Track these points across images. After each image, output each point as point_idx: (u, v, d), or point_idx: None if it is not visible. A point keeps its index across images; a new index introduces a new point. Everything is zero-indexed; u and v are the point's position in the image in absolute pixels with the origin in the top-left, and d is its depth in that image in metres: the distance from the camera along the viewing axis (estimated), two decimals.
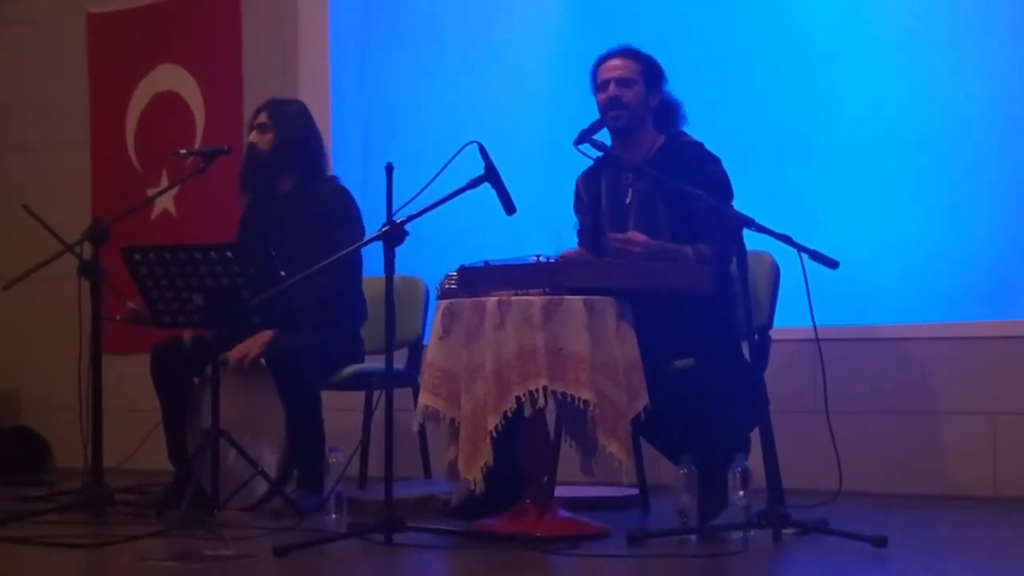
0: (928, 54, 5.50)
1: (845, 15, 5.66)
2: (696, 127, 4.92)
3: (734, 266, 4.35)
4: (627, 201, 4.85)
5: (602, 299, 4.29)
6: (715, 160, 4.77)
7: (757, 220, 4.25)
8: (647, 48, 4.94)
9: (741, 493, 4.14)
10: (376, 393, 5.25)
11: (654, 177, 4.66)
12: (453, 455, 4.37)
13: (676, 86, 4.93)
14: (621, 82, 4.79)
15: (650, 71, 4.83)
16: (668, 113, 4.87)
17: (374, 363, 5.26)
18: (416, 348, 5.63)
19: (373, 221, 4.86)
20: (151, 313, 4.98)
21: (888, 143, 5.56)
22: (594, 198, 4.96)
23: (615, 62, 4.83)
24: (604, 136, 4.76)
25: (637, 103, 4.79)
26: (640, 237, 4.60)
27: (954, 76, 5.45)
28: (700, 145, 4.83)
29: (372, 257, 4.80)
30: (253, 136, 5.39)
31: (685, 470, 4.23)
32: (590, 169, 4.97)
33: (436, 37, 6.55)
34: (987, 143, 5.40)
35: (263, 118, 5.41)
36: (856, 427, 5.24)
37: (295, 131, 5.40)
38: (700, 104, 4.98)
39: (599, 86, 4.83)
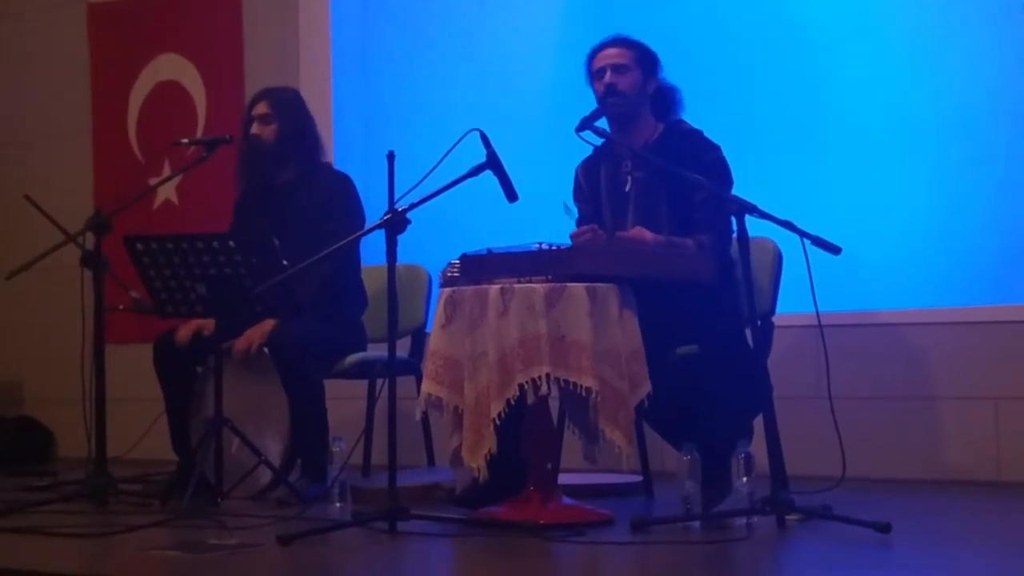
0: (932, 38, 5.49)
1: (851, 2, 5.65)
2: (698, 113, 4.91)
3: (736, 252, 4.35)
4: (626, 189, 4.85)
5: (605, 286, 4.29)
6: (715, 148, 4.77)
7: (759, 206, 4.25)
8: (647, 34, 4.95)
9: (744, 479, 4.14)
10: (379, 382, 5.25)
11: (654, 164, 4.66)
12: (456, 443, 4.37)
13: (677, 73, 4.93)
14: (617, 69, 4.80)
15: (644, 58, 4.84)
16: (665, 99, 4.87)
17: (376, 352, 5.25)
18: (419, 336, 5.63)
19: (375, 209, 4.86)
20: (153, 302, 4.98)
21: (890, 129, 5.55)
22: (593, 186, 4.96)
23: (610, 51, 4.84)
24: (605, 124, 4.76)
25: (634, 90, 4.80)
26: (647, 234, 4.60)
27: (958, 61, 5.44)
28: (700, 133, 4.83)
29: (374, 245, 4.80)
30: (256, 128, 5.36)
31: (688, 457, 4.24)
32: (589, 158, 4.97)
33: (437, 25, 6.54)
34: (990, 128, 5.39)
35: (264, 108, 5.39)
36: (859, 413, 5.25)
37: (297, 120, 5.40)
38: (702, 90, 4.99)
39: (595, 74, 4.83)
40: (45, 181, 7.16)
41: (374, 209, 4.98)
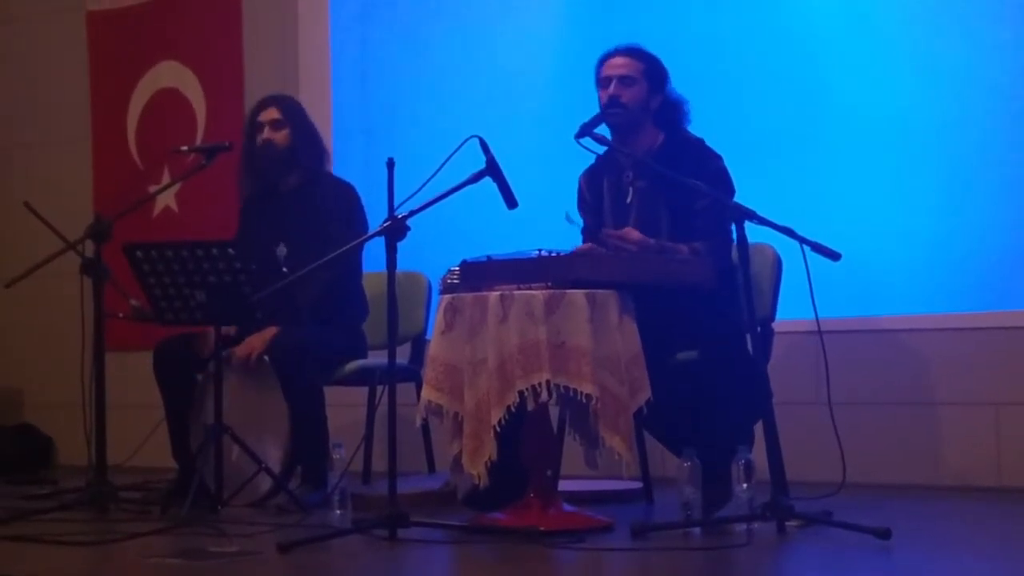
0: (932, 44, 5.49)
1: (850, 6, 5.65)
2: (699, 119, 4.91)
3: (736, 257, 4.35)
4: (628, 201, 4.85)
5: (604, 293, 4.29)
6: (716, 158, 4.77)
7: (759, 212, 4.25)
8: (650, 40, 4.94)
9: (745, 485, 4.14)
10: (379, 388, 5.25)
11: (655, 173, 4.66)
12: (457, 450, 4.37)
13: (678, 78, 4.92)
14: (623, 80, 4.79)
15: (653, 71, 4.83)
16: (670, 112, 4.87)
17: (377, 358, 5.25)
18: (419, 343, 5.63)
19: (375, 216, 4.86)
20: (153, 310, 4.98)
21: (890, 134, 5.55)
22: (596, 195, 4.95)
23: (619, 60, 4.83)
24: (605, 131, 4.76)
25: (637, 103, 4.79)
26: (635, 234, 4.61)
27: (958, 66, 5.44)
28: (701, 142, 4.83)
29: (374, 252, 4.80)
30: (267, 133, 5.35)
31: (688, 463, 4.23)
32: (592, 167, 4.96)
33: (436, 32, 6.54)
34: (990, 134, 5.39)
35: (275, 114, 5.38)
36: (859, 418, 5.24)
37: (306, 127, 5.41)
38: (702, 96, 4.98)
39: (601, 81, 4.83)
40: (45, 187, 7.17)
41: (374, 216, 4.99)
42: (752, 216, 4.24)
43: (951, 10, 5.46)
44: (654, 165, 4.66)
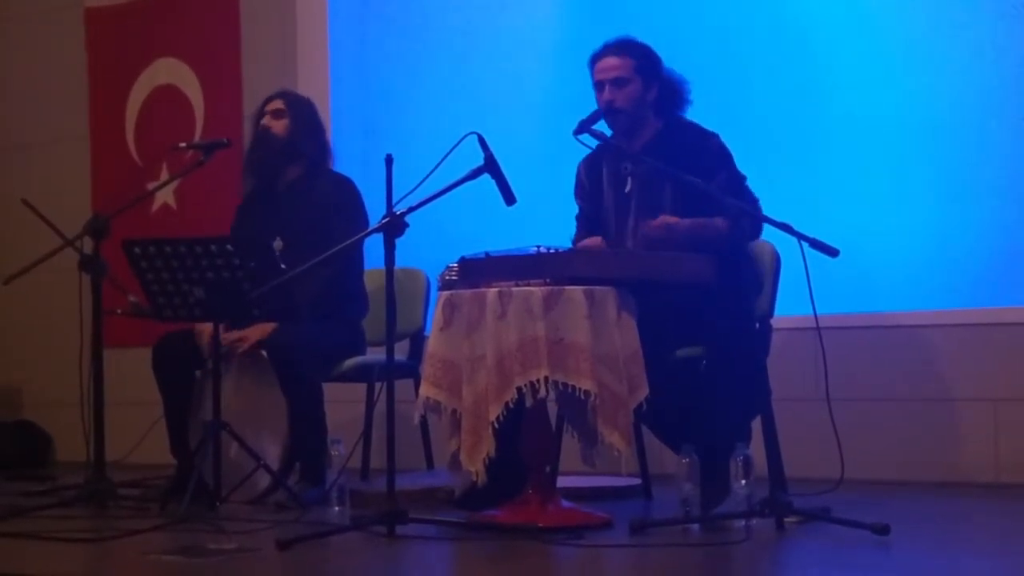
0: (932, 40, 5.49)
1: (848, 3, 5.65)
2: (698, 115, 4.91)
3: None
4: (627, 190, 4.84)
5: (603, 289, 4.29)
6: (714, 135, 4.77)
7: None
8: (648, 36, 4.92)
9: (743, 482, 4.14)
10: (377, 385, 5.25)
11: (651, 165, 4.65)
12: (455, 446, 4.37)
13: None
14: (616, 83, 4.76)
15: (645, 63, 4.81)
16: (669, 97, 4.85)
17: (375, 355, 5.26)
18: (417, 339, 5.63)
19: (373, 213, 4.86)
20: (151, 306, 4.98)
21: (889, 130, 5.55)
22: (595, 183, 4.94)
23: (609, 61, 4.80)
24: (603, 127, 4.76)
25: (633, 102, 4.78)
26: (672, 219, 4.59)
27: (958, 62, 5.44)
28: (697, 125, 4.82)
29: (373, 249, 4.80)
30: (267, 120, 5.40)
31: (687, 459, 4.23)
32: (591, 155, 4.93)
33: (434, 27, 6.54)
34: (988, 131, 5.39)
35: (279, 105, 5.43)
36: (858, 415, 5.24)
37: (309, 122, 5.43)
38: (701, 92, 4.97)
39: (596, 84, 4.82)
40: (43, 185, 7.17)
41: (373, 213, 4.99)
42: (751, 213, 4.24)
43: (950, 8, 5.46)
44: (648, 160, 4.65)
